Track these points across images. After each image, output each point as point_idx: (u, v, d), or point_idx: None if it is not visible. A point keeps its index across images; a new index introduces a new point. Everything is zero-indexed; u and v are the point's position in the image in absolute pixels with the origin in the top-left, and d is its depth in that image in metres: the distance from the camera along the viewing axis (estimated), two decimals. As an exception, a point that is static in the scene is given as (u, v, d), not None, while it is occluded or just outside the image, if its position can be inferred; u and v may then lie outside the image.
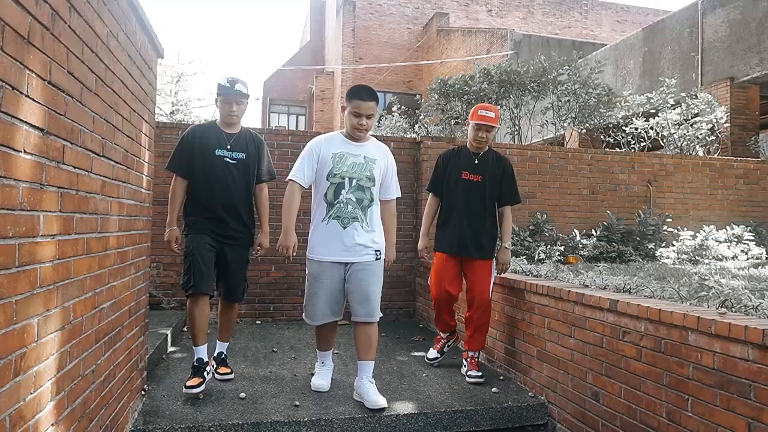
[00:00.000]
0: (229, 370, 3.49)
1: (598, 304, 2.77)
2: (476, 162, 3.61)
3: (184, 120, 13.92)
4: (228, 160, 3.21)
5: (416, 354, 4.34)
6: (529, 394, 3.37)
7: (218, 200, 3.16)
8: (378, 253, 3.08)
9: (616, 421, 2.64)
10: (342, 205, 2.97)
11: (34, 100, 1.43)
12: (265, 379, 3.54)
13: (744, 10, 9.21)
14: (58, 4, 1.56)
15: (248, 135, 3.35)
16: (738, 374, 1.99)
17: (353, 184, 2.98)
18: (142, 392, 3.08)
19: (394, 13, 22.34)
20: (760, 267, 4.85)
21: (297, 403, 3.09)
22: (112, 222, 2.23)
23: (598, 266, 5.08)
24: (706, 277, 3.84)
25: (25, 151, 1.39)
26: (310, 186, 3.14)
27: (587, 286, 3.23)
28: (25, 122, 1.39)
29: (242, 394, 3.19)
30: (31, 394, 1.50)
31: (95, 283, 2.03)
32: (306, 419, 2.89)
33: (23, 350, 1.43)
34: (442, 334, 3.94)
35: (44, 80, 1.49)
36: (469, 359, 3.66)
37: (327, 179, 2.99)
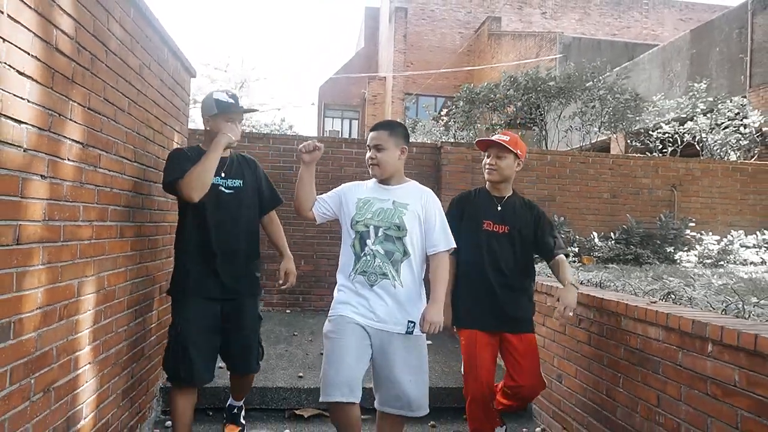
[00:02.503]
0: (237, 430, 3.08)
1: (561, 295, 3.08)
2: (499, 208, 2.85)
3: (245, 125, 14.82)
4: (223, 189, 2.67)
5: (428, 342, 4.73)
6: (512, 378, 3.69)
7: (215, 241, 2.63)
8: (411, 325, 2.43)
9: (573, 399, 2.94)
10: (368, 258, 2.46)
11: (76, 122, 1.98)
12: (279, 355, 4.06)
13: (795, 10, 8.93)
14: (96, 49, 2.12)
15: (240, 158, 2.85)
16: (652, 353, 2.29)
17: (379, 234, 2.46)
18: (175, 359, 3.66)
19: (447, 18, 22.67)
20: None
21: (301, 374, 3.59)
22: (143, 214, 2.80)
23: (608, 267, 5.28)
24: (697, 279, 4.00)
25: (68, 159, 1.94)
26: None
27: (565, 280, 3.52)
28: (69, 138, 1.94)
29: (257, 366, 3.71)
30: (72, 335, 2.05)
31: (127, 261, 2.59)
32: (305, 387, 3.38)
33: (66, 302, 1.98)
34: None
35: (84, 107, 2.04)
36: None
37: (351, 227, 2.52)
